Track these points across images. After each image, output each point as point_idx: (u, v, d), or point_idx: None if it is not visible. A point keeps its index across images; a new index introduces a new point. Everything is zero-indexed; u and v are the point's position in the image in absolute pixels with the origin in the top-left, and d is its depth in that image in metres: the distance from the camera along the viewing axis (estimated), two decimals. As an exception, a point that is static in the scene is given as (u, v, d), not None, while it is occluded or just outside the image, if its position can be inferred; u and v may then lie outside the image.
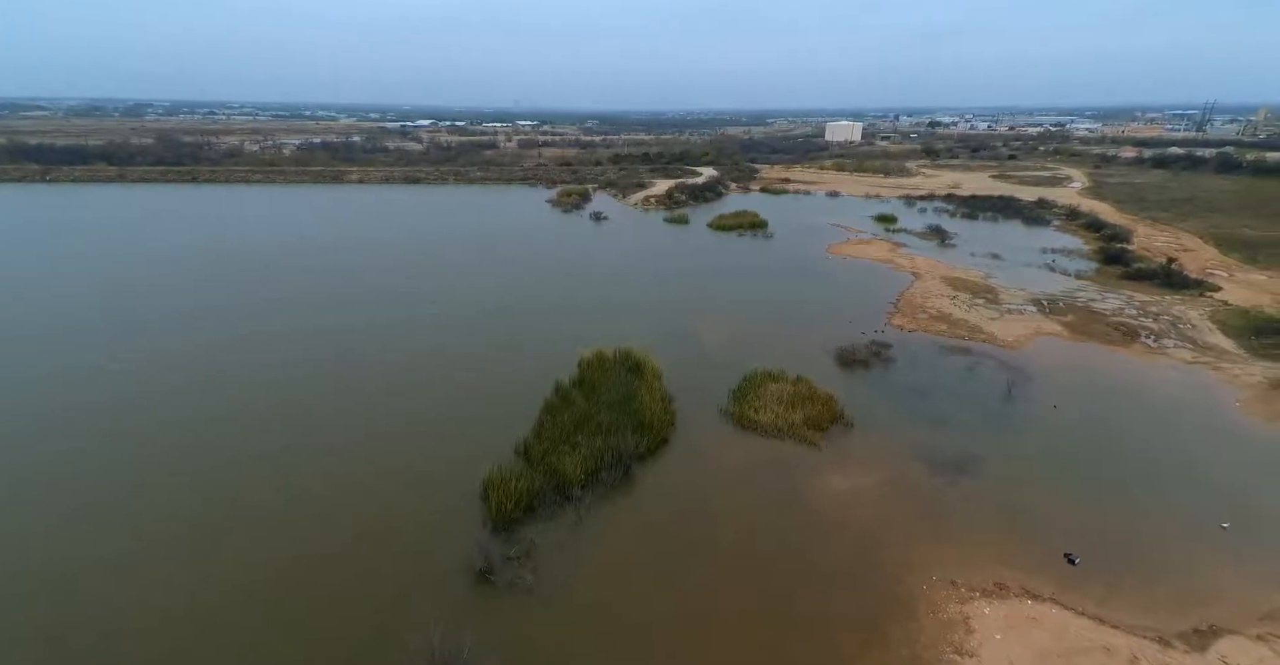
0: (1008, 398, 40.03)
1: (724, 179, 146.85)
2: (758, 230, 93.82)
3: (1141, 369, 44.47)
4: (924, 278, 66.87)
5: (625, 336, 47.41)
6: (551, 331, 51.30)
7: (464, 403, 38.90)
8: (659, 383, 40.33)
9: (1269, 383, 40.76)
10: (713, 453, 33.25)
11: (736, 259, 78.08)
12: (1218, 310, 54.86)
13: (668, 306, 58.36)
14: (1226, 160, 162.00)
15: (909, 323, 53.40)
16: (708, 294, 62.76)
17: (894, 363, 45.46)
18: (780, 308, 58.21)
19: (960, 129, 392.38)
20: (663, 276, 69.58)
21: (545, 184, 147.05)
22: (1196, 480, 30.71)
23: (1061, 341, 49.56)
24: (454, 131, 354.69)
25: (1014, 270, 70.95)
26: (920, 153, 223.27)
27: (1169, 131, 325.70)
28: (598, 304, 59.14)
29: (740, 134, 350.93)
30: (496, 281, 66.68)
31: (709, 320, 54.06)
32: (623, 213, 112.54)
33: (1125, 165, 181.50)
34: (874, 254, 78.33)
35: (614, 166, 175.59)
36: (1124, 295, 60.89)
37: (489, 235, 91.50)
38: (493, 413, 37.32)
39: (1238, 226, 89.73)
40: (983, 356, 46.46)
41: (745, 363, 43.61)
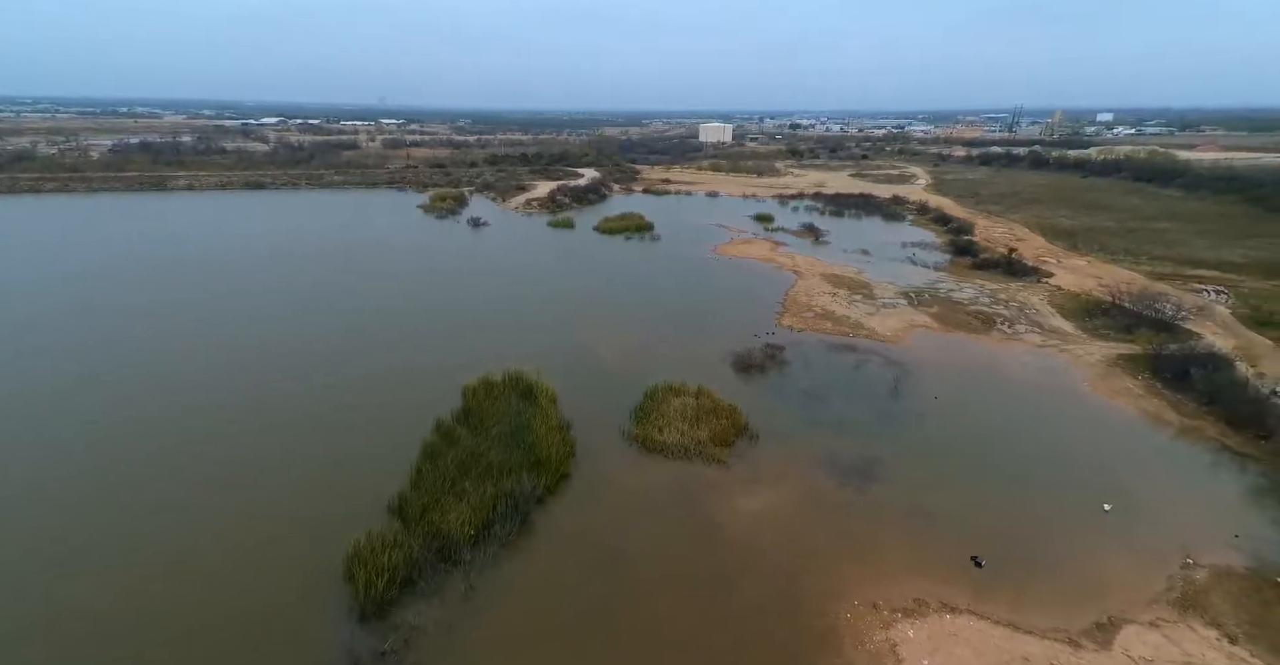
0: (895, 393, 41.22)
1: (606, 180, 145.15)
2: (644, 233, 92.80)
3: (1002, 355, 48.03)
4: (805, 276, 68.92)
5: (514, 357, 43.56)
6: (429, 358, 46.04)
7: (323, 454, 33.09)
8: (555, 408, 37.02)
9: (1106, 361, 45.47)
10: (618, 484, 30.60)
11: (626, 263, 76.23)
12: (1054, 295, 61.29)
13: (559, 319, 54.97)
14: (1037, 158, 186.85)
15: (798, 322, 54.22)
16: (600, 302, 60.14)
17: (789, 365, 45.53)
18: (675, 313, 56.96)
19: (818, 131, 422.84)
20: (551, 285, 65.99)
21: (415, 187, 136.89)
22: (1070, 462, 32.85)
23: (932, 333, 52.56)
24: (307, 130, 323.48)
25: (882, 265, 75.35)
26: (786, 153, 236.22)
27: (988, 133, 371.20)
28: (481, 321, 54.37)
29: (619, 134, 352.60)
30: (361, 302, 59.49)
31: (604, 331, 51.43)
32: (503, 217, 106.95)
33: (958, 163, 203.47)
34: (757, 253, 79.94)
35: (491, 168, 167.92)
36: (976, 285, 66.45)
37: (350, 247, 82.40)
38: (360, 463, 32.02)
39: (1056, 217, 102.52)
40: (868, 353, 47.91)
41: (645, 376, 41.51)
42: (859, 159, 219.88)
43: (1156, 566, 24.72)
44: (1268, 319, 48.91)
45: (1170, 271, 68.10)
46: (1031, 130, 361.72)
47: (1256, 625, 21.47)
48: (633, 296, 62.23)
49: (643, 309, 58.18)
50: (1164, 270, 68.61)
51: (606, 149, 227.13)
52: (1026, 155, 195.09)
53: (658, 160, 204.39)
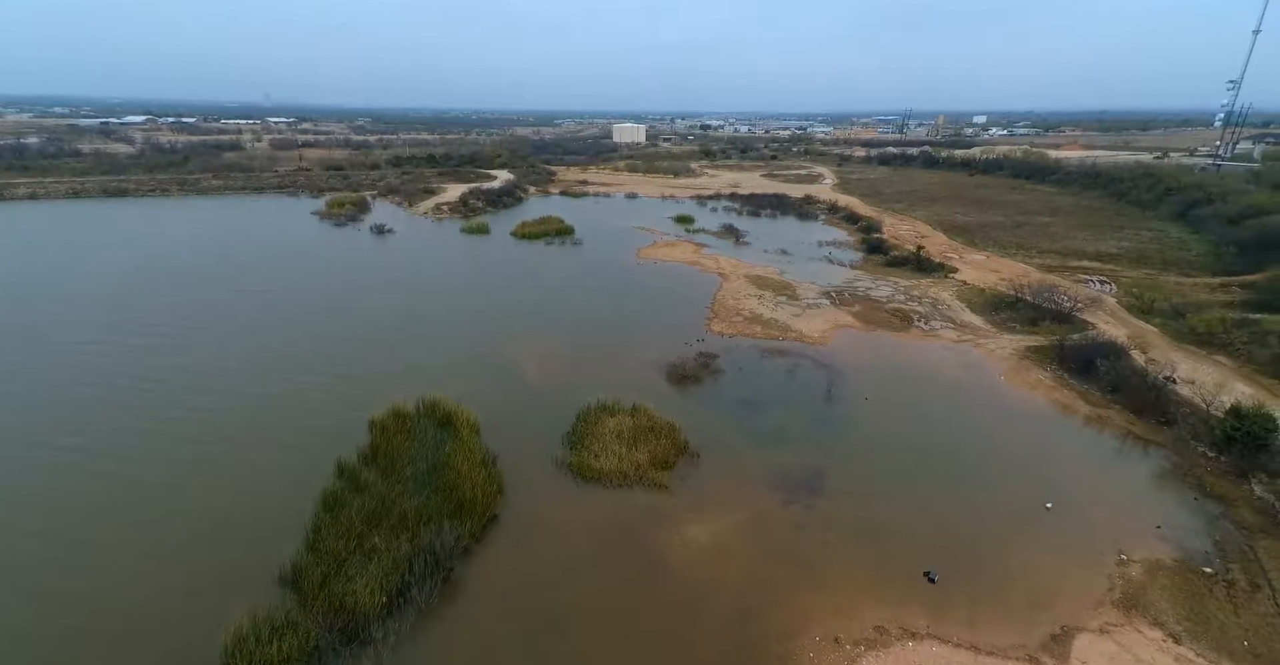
0: (829, 397, 40.90)
1: (521, 182, 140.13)
2: (565, 237, 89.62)
3: (923, 351, 49.20)
4: (730, 278, 68.49)
5: (429, 381, 39.47)
6: (327, 388, 40.94)
7: (194, 514, 27.97)
8: (478, 439, 33.53)
9: (1016, 354, 47.53)
10: (553, 524, 27.73)
11: (548, 271, 72.83)
12: (962, 290, 64.18)
13: (478, 334, 50.99)
14: (929, 157, 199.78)
15: (727, 327, 53.29)
16: (523, 314, 56.58)
17: (723, 373, 44.27)
18: (604, 322, 54.48)
19: (728, 132, 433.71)
20: (468, 297, 61.58)
21: (309, 192, 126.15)
22: (999, 459, 33.41)
23: (856, 332, 53.22)
24: (180, 129, 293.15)
25: (802, 264, 76.42)
26: (700, 154, 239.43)
27: (882, 133, 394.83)
28: (389, 342, 49.42)
29: (531, 134, 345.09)
30: (241, 324, 52.68)
31: (529, 346, 48.08)
32: (411, 223, 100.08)
33: (859, 163, 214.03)
34: (681, 256, 78.93)
35: (395, 170, 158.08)
36: (891, 282, 68.59)
37: (231, 262, 73.74)
38: (243, 522, 27.27)
39: (952, 213, 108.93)
40: (798, 356, 47.58)
41: (577, 394, 38.78)
42: (769, 159, 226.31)
43: (1095, 566, 25.05)
44: (1149, 307, 53.27)
45: (1058, 264, 73.42)
46: (919, 132, 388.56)
47: (1195, 621, 21.97)
48: (558, 306, 59.13)
49: (569, 319, 55.28)
50: (1052, 263, 73.88)
51: (519, 149, 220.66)
52: (919, 155, 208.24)
53: (573, 161, 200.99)
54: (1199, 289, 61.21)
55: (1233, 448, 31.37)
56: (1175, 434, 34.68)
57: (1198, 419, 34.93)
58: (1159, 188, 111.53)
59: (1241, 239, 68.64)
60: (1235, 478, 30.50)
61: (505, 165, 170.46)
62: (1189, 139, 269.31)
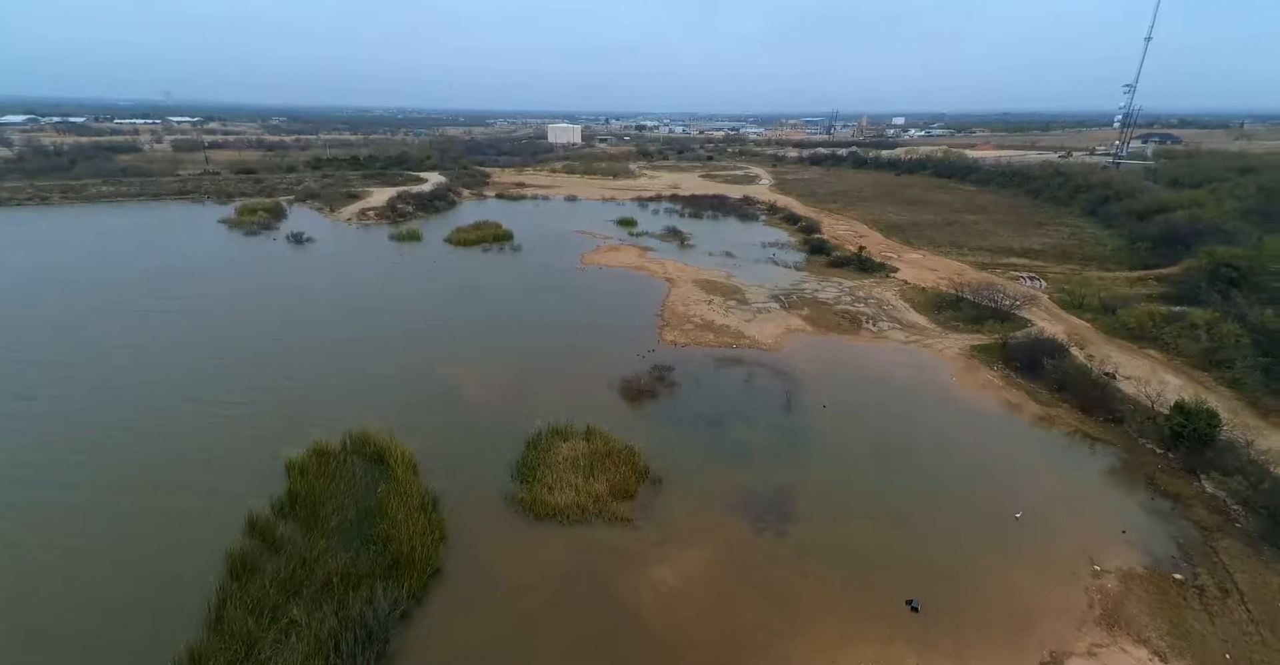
0: (788, 408, 39.64)
1: (454, 185, 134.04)
2: (504, 243, 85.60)
3: (874, 353, 48.95)
4: (678, 283, 66.80)
5: (357, 412, 35.46)
6: (234, 425, 36.09)
7: (61, 591, 23.24)
8: (415, 478, 30.02)
9: (963, 354, 47.97)
10: (505, 575, 24.76)
11: (487, 279, 68.86)
12: (904, 290, 65.00)
13: (412, 353, 46.86)
14: (858, 158, 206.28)
15: (680, 336, 51.40)
16: (462, 328, 52.72)
17: (678, 387, 42.25)
18: (550, 335, 51.43)
19: (663, 132, 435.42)
20: (398, 311, 56.97)
21: (216, 198, 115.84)
22: (965, 465, 32.89)
23: (808, 336, 52.53)
24: (68, 130, 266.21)
25: (748, 267, 75.74)
26: (637, 154, 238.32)
27: (810, 134, 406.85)
28: (308, 366, 44.58)
29: (462, 135, 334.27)
30: (132, 348, 46.37)
31: (470, 364, 44.47)
32: (333, 231, 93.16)
33: (792, 163, 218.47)
34: (627, 261, 76.67)
35: (315, 173, 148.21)
36: (836, 282, 68.79)
37: (120, 278, 65.82)
38: (125, 599, 22.86)
39: (885, 213, 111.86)
40: (754, 364, 46.23)
41: (524, 418, 35.81)
42: (705, 160, 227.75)
43: (1071, 579, 24.51)
44: (1080, 302, 55.33)
45: (990, 261, 75.93)
46: (844, 133, 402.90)
47: (1176, 635, 21.59)
48: (500, 318, 55.57)
49: (512, 333, 51.90)
50: (985, 260, 76.36)
51: (451, 150, 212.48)
52: (848, 156, 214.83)
53: (508, 162, 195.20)
54: (1119, 282, 64.46)
55: (1180, 444, 32.03)
56: (1123, 431, 35.33)
57: (1143, 416, 35.71)
58: (1069, 185, 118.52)
59: (1151, 234, 73.05)
60: (1185, 474, 31.09)
61: (436, 167, 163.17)
62: (1086, 139, 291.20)
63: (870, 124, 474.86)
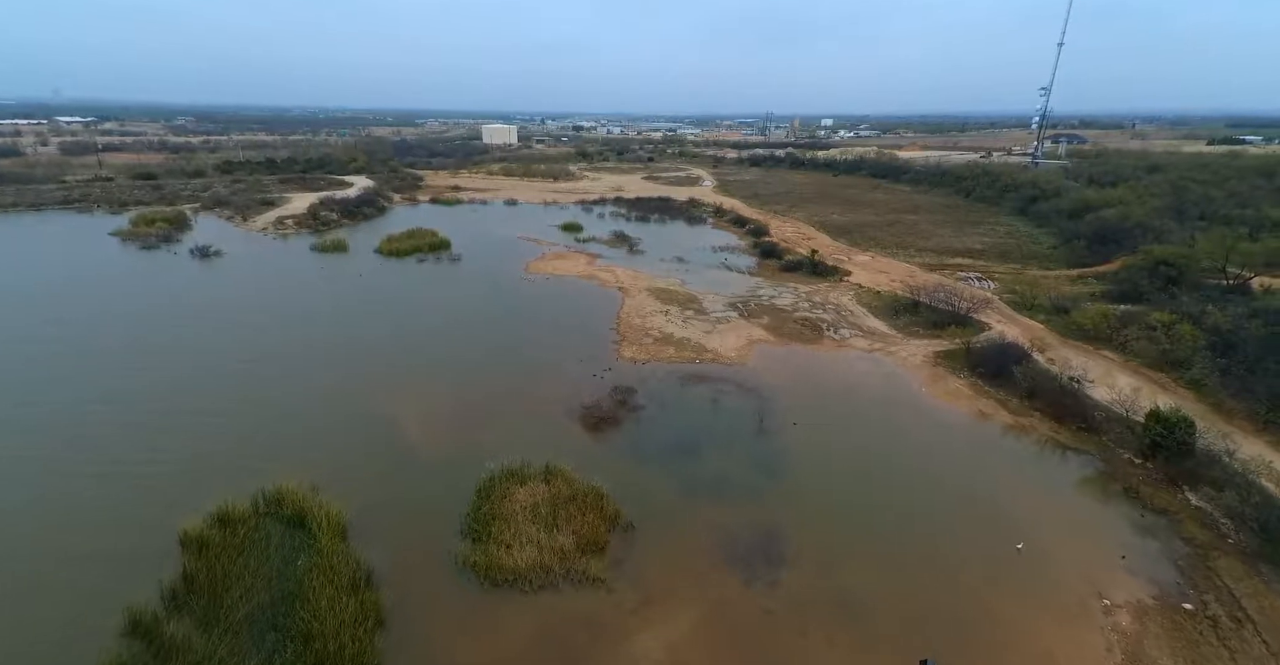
0: (760, 429, 37.09)
1: (384, 189, 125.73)
2: (441, 252, 79.94)
3: (840, 363, 47.29)
4: (631, 293, 63.54)
5: (271, 463, 30.25)
6: (116, 484, 30.09)
7: None
8: (344, 546, 25.36)
9: (927, 361, 46.99)
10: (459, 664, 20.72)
11: (424, 294, 63.38)
12: (859, 294, 64.21)
13: (339, 385, 41.45)
14: (795, 159, 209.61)
15: (639, 352, 48.14)
16: (395, 352, 47.46)
17: (644, 410, 38.96)
18: (496, 354, 47.04)
19: (601, 133, 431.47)
20: (323, 334, 50.99)
21: (109, 207, 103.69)
22: (948, 487, 31.15)
23: (771, 347, 50.42)
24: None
25: (701, 273, 73.35)
26: (576, 156, 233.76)
27: (746, 135, 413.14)
28: (209, 406, 38.42)
29: (391, 135, 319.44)
30: None
31: (407, 396, 39.56)
32: (246, 243, 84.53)
33: (732, 165, 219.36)
34: (575, 269, 72.76)
35: (225, 177, 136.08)
36: (791, 288, 67.34)
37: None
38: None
39: (829, 214, 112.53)
40: (719, 381, 43.52)
41: (473, 458, 31.64)
42: (646, 161, 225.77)
43: (1084, 619, 22.81)
44: (1031, 303, 55.83)
45: (936, 262, 76.69)
46: (778, 134, 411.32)
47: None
48: (440, 338, 50.62)
49: (455, 353, 47.18)
50: (931, 261, 77.07)
51: (379, 152, 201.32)
52: (786, 157, 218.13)
53: (441, 164, 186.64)
54: (1061, 281, 66.01)
55: (1158, 454, 31.42)
56: (1098, 441, 34.67)
57: (1117, 423, 35.19)
58: (998, 185, 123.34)
59: (1083, 233, 75.66)
60: (1167, 485, 30.45)
61: (363, 170, 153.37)
62: (1001, 139, 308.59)
63: (802, 125, 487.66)
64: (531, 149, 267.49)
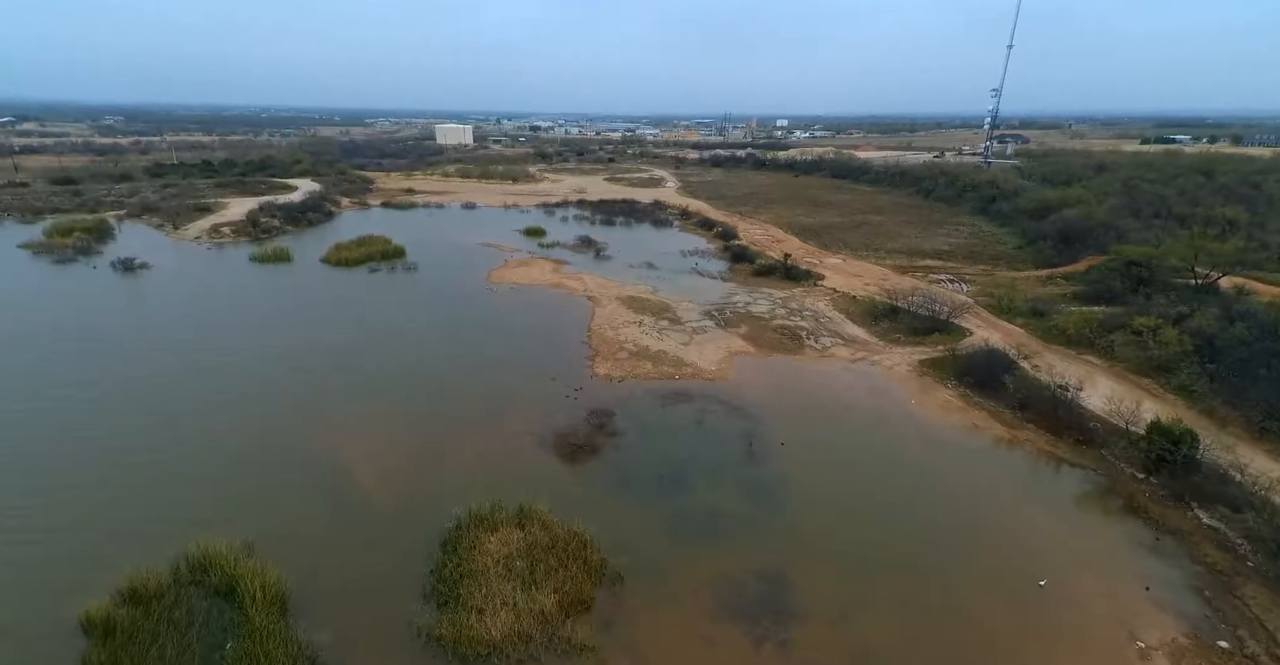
0: (750, 453, 34.56)
1: (331, 193, 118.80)
2: (394, 261, 74.97)
3: (825, 375, 45.30)
4: (602, 302, 60.35)
5: (195, 519, 25.95)
6: (21, 551, 25.27)
7: None
8: (283, 623, 21.49)
9: (913, 370, 45.44)
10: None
11: (376, 308, 58.65)
12: (836, 299, 62.66)
13: (276, 421, 36.99)
14: (757, 160, 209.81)
15: (614, 368, 45.06)
16: (344, 379, 43.07)
17: (623, 436, 35.93)
18: (459, 379, 43.18)
19: (559, 133, 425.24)
20: (259, 356, 46.08)
21: (21, 215, 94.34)
22: (957, 514, 29.22)
23: (752, 359, 48.11)
24: None
25: (672, 279, 70.72)
26: (535, 157, 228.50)
27: (705, 136, 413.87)
28: (122, 446, 33.55)
29: (339, 135, 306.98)
30: None
31: (357, 433, 35.44)
32: (177, 254, 77.73)
33: (694, 165, 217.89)
34: (540, 277, 69.07)
35: (155, 181, 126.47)
36: (765, 293, 65.34)
37: None
38: None
39: (795, 215, 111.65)
40: (703, 399, 40.84)
41: (435, 502, 28.10)
42: (607, 162, 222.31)
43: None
44: (1009, 307, 55.19)
45: (907, 264, 76.10)
46: (736, 134, 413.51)
47: (1266, 738, 18.33)
48: (394, 361, 46.36)
49: (412, 380, 43.09)
50: (902, 263, 76.44)
51: (326, 153, 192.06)
52: (747, 157, 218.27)
53: (393, 166, 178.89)
54: (1031, 282, 66.00)
55: (1163, 469, 30.22)
56: (1097, 454, 33.41)
57: (1116, 435, 34.02)
58: (956, 185, 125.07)
59: (1048, 233, 76.27)
60: (1175, 502, 29.22)
61: (308, 173, 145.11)
62: (951, 139, 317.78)
63: (759, 126, 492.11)
64: (488, 149, 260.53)
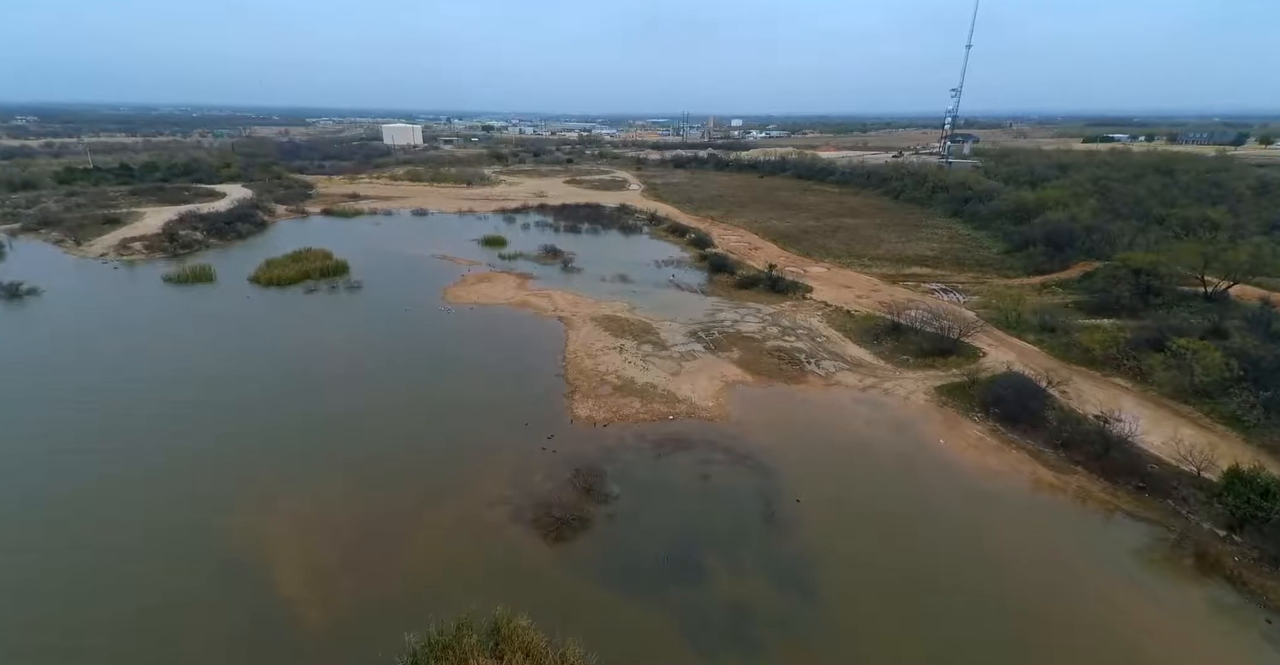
0: (770, 521, 28.96)
1: (264, 201, 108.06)
2: (335, 278, 66.66)
3: (834, 408, 40.24)
4: (575, 323, 53.94)
5: (43, 646, 18.62)
6: None
7: None
8: None
9: (931, 399, 40.88)
10: None
11: (310, 339, 50.63)
12: (828, 314, 57.96)
13: (171, 495, 29.33)
14: (720, 160, 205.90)
15: (597, 408, 38.85)
16: (264, 438, 35.44)
17: (616, 502, 29.84)
18: (409, 429, 36.19)
19: (514, 133, 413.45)
20: (148, 415, 37.77)
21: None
22: (1029, 600, 24.30)
23: (750, 390, 42.71)
24: None
25: (650, 294, 64.80)
26: (490, 158, 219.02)
27: (663, 136, 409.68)
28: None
29: (277, 135, 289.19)
30: None
31: (279, 513, 28.19)
32: (78, 274, 67.37)
33: (656, 166, 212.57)
34: (504, 295, 62.06)
35: (60, 189, 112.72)
36: (752, 309, 60.16)
37: None
38: None
39: (768, 219, 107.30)
40: (704, 446, 35.08)
41: (383, 627, 21.34)
42: (565, 163, 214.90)
43: None
44: (1016, 321, 51.43)
45: (893, 272, 72.29)
46: (694, 134, 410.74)
47: None
48: (330, 406, 38.92)
49: (351, 433, 35.83)
50: (888, 271, 72.62)
51: (262, 155, 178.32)
52: (709, 157, 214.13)
53: (336, 168, 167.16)
54: (1026, 290, 62.76)
55: (1249, 526, 26.05)
56: (1165, 506, 29.17)
57: (1179, 479, 29.88)
58: (926, 186, 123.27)
59: (1034, 237, 73.68)
60: (1270, 568, 25.00)
61: (239, 177, 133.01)
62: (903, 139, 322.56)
63: (717, 125, 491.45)
64: (439, 150, 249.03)
